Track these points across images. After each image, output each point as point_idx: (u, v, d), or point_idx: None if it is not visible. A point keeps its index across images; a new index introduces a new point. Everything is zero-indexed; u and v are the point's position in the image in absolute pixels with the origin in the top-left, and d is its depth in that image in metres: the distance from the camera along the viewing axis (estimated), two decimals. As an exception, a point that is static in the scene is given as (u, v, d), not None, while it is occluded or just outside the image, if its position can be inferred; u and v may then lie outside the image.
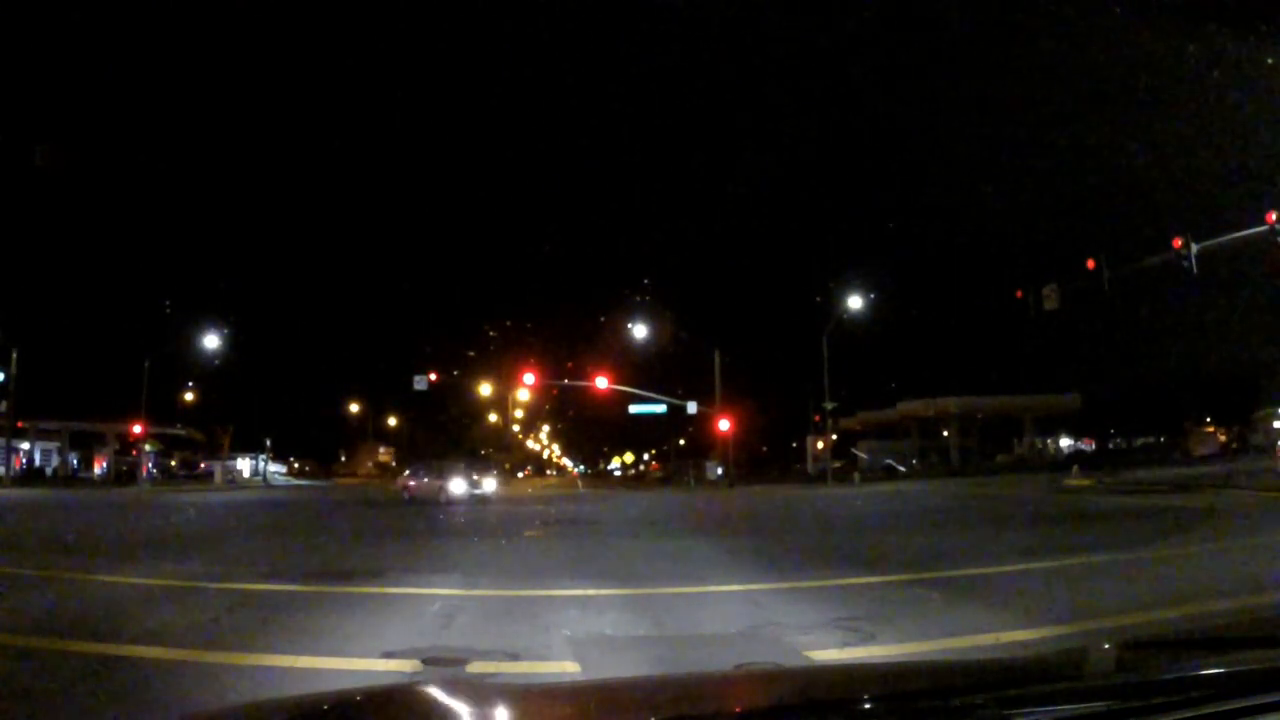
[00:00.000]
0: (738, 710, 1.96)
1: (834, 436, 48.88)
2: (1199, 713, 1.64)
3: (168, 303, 52.54)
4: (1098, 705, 1.69)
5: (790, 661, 5.31)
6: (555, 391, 63.75)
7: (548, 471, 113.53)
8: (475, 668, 5.28)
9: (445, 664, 5.32)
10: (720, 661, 5.35)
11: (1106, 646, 2.15)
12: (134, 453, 54.40)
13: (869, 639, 5.98)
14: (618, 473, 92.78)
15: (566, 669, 5.31)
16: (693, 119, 70.59)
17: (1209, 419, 61.58)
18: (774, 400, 60.61)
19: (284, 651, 5.65)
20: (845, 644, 5.84)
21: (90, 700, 4.77)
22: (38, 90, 52.08)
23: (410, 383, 41.70)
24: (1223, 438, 59.31)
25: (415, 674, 5.05)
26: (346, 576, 9.19)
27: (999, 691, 1.82)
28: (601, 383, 41.70)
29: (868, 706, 1.79)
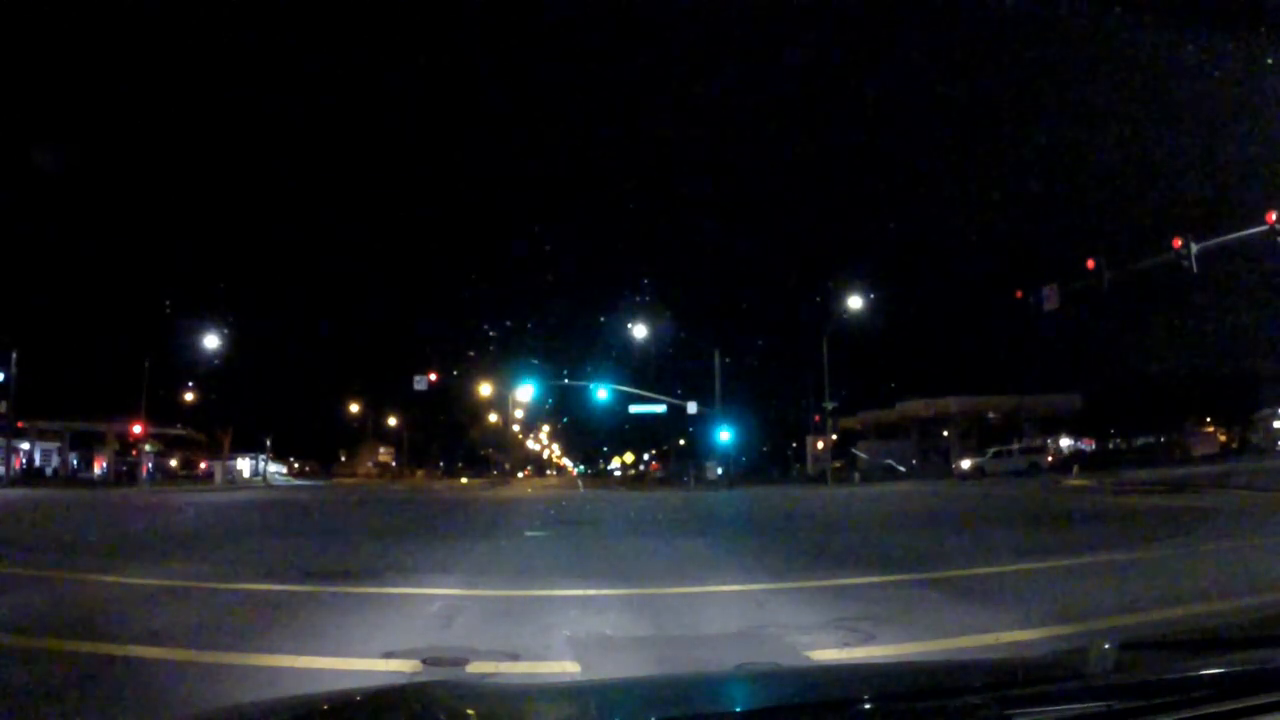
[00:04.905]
0: (738, 710, 1.96)
1: (834, 437, 48.86)
2: (1199, 713, 1.64)
3: (168, 303, 52.58)
4: (1098, 705, 1.69)
5: (791, 662, 5.31)
6: (556, 391, 63.67)
7: (548, 471, 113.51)
8: (475, 668, 5.28)
9: (445, 664, 5.32)
10: (721, 662, 5.35)
11: (1106, 646, 2.15)
12: (134, 453, 54.41)
13: (869, 639, 5.98)
14: (618, 473, 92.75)
15: (566, 669, 5.31)
16: (693, 120, 70.68)
17: (1209, 419, 61.51)
18: (774, 400, 60.76)
19: (284, 651, 5.65)
20: (845, 644, 5.84)
21: (90, 700, 4.77)
22: (38, 90, 52.10)
23: (410, 383, 41.76)
24: (1222, 438, 59.25)
25: (415, 674, 5.04)
26: (346, 576, 9.19)
27: (999, 691, 1.83)
28: (601, 393, 41.85)
29: (868, 706, 1.80)
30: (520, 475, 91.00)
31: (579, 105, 78.78)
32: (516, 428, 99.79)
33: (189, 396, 60.96)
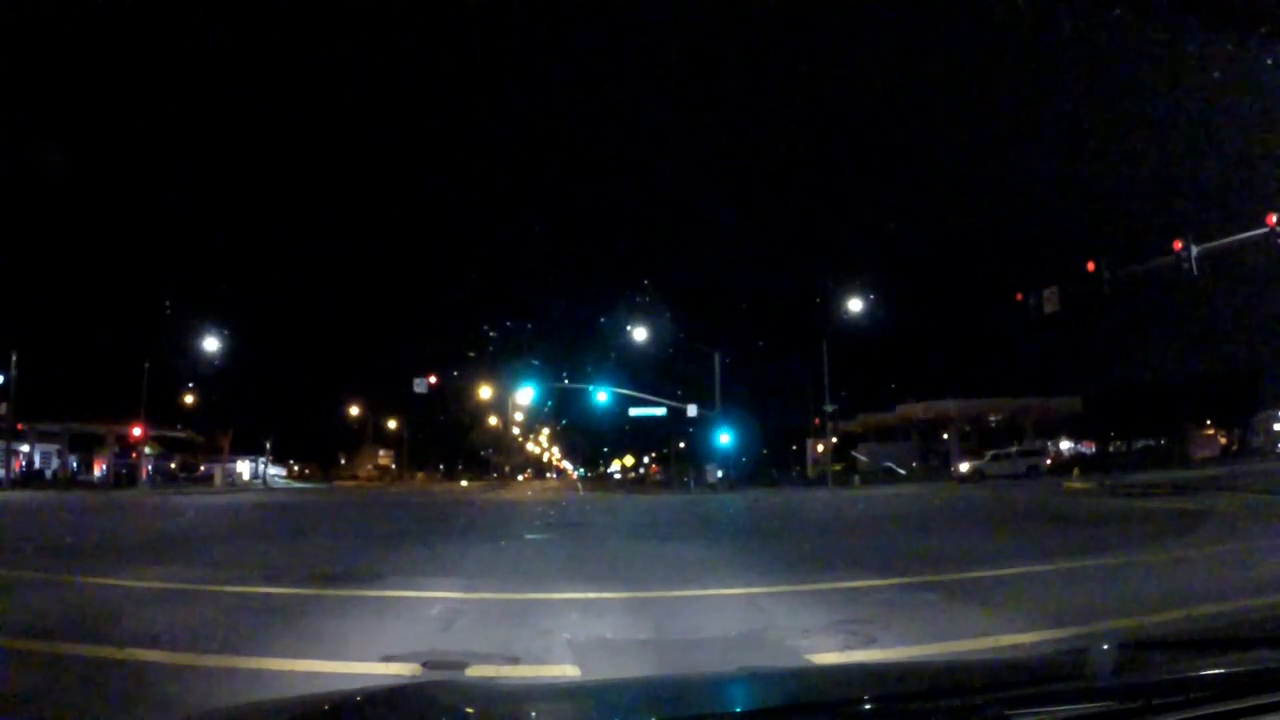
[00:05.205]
0: (737, 710, 1.97)
1: (834, 439, 48.82)
2: (1199, 713, 1.65)
3: (168, 304, 52.58)
4: (1098, 705, 1.70)
5: (791, 665, 5.29)
6: (556, 393, 63.67)
7: (547, 474, 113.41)
8: (475, 671, 5.27)
9: (445, 667, 5.30)
10: (721, 665, 5.33)
11: (1106, 647, 2.17)
12: (134, 455, 54.39)
13: (870, 642, 5.96)
14: (618, 475, 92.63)
15: (567, 673, 5.29)
16: (693, 121, 70.73)
17: (1209, 421, 61.49)
18: (774, 403, 60.72)
19: (283, 655, 5.63)
20: (846, 647, 5.82)
21: (88, 704, 4.76)
22: (38, 91, 52.13)
23: (410, 385, 41.76)
24: (1223, 440, 59.22)
25: (415, 678, 5.02)
26: (346, 579, 9.17)
27: (999, 692, 1.84)
28: (601, 395, 41.88)
29: (868, 707, 1.81)
30: (520, 478, 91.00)
31: (579, 105, 78.87)
32: (516, 430, 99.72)
33: (189, 398, 60.98)
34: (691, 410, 42.30)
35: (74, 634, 6.36)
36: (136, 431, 48.67)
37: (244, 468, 66.44)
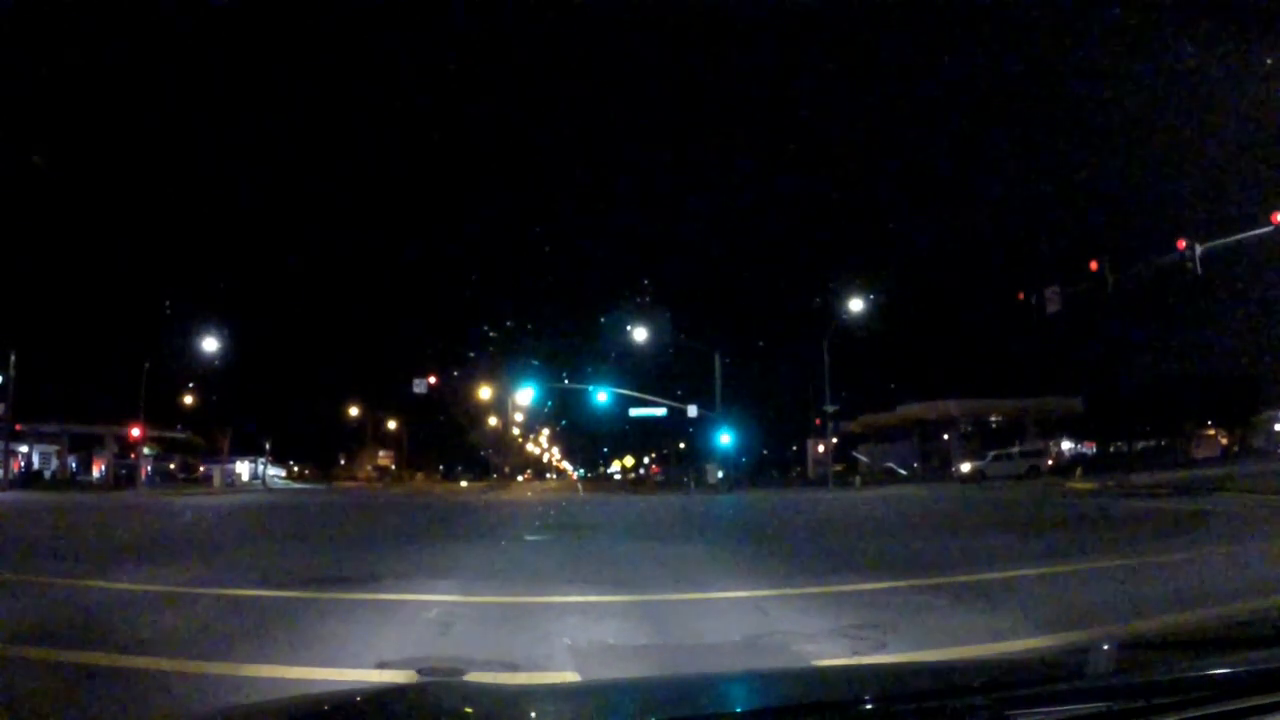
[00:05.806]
0: (738, 711, 1.96)
1: (835, 440, 48.76)
2: (1199, 713, 1.64)
3: (167, 305, 52.53)
4: (1098, 705, 1.69)
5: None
6: (556, 394, 63.64)
7: (547, 475, 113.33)
8: (473, 678, 5.12)
9: (442, 674, 5.17)
10: (726, 671, 5.21)
11: (1106, 647, 2.18)
12: (133, 456, 54.30)
13: (880, 647, 5.81)
14: (618, 476, 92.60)
15: (567, 679, 5.16)
16: (694, 122, 70.72)
17: (1210, 422, 61.38)
18: (775, 403, 60.74)
19: (276, 661, 5.50)
20: (855, 652, 5.67)
21: (77, 711, 4.64)
22: (37, 92, 52.07)
23: (410, 385, 41.73)
24: (1224, 441, 59.13)
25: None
26: (342, 582, 9.05)
27: (999, 692, 1.83)
28: (601, 396, 41.86)
29: (869, 707, 1.80)
30: (520, 479, 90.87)
31: (580, 106, 78.88)
32: (516, 431, 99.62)
33: (188, 399, 60.92)
34: (691, 410, 42.25)
35: (63, 639, 6.22)
36: (135, 432, 48.60)
37: (243, 468, 66.37)
